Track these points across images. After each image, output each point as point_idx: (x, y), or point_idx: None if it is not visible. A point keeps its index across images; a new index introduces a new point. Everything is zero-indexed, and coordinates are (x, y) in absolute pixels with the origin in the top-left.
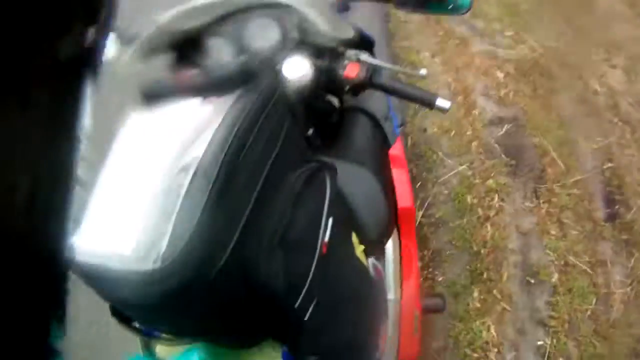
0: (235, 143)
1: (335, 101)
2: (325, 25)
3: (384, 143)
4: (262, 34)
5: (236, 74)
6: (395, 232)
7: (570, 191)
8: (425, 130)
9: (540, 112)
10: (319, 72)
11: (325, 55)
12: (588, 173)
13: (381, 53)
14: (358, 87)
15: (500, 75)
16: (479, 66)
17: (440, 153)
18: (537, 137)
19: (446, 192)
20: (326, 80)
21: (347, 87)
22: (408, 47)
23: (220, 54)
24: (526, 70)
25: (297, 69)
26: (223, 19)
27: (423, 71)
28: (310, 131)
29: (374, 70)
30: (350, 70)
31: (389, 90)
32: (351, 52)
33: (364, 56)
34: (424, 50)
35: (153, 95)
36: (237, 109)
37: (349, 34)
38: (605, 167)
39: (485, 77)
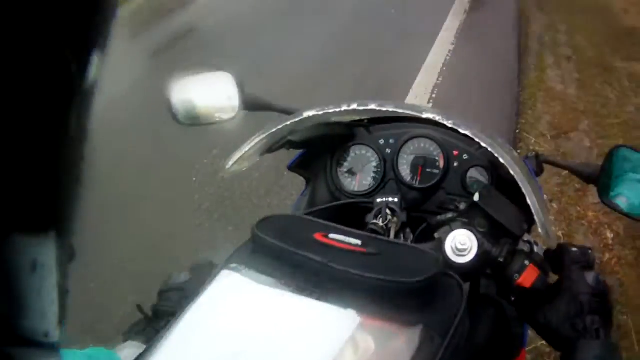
0: None
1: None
2: (539, 215)
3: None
4: (423, 155)
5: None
6: None
7: None
8: None
9: (637, 284)
10: (484, 260)
11: (501, 240)
12: None
13: None
14: (524, 296)
15: (609, 235)
16: (591, 221)
17: None
18: (624, 315)
19: None
20: (488, 274)
21: (513, 294)
22: None
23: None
24: (636, 233)
25: (461, 248)
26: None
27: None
28: None
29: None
30: (527, 277)
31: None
32: (524, 249)
33: (538, 256)
34: (545, 192)
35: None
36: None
37: (553, 241)
38: None
39: (594, 236)
